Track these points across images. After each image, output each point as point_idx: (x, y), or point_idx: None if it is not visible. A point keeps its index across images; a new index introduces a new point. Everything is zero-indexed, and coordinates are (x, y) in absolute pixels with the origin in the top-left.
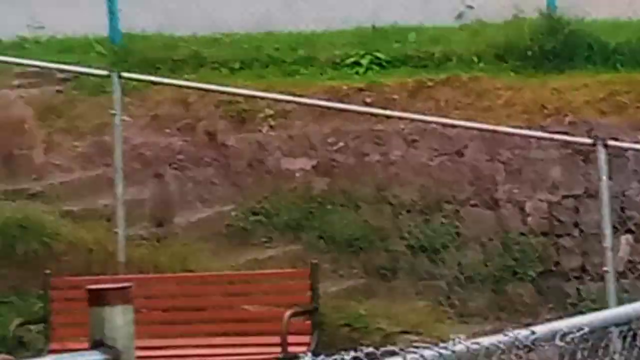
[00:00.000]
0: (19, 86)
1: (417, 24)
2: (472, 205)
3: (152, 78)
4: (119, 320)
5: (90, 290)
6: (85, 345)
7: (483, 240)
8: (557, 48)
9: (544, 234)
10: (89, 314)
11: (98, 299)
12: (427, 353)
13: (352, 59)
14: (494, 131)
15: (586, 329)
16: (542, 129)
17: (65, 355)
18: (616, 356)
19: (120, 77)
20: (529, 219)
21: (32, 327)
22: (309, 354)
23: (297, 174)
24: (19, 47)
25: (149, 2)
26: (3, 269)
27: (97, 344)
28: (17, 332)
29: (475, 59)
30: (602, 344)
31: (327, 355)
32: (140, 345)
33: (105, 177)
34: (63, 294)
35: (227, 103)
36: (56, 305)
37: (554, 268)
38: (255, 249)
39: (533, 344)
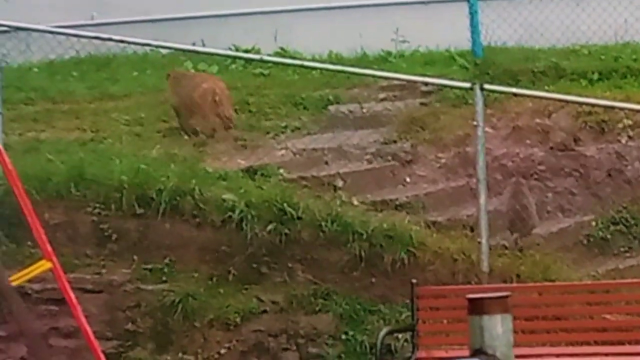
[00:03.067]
0: (384, 99)
1: None
2: None
3: (514, 90)
4: (498, 328)
5: (470, 300)
6: (452, 353)
7: None
8: None
9: None
10: (468, 322)
11: (478, 308)
12: None
13: None
14: None
15: None
16: None
17: None
18: None
19: (482, 89)
20: None
21: (399, 335)
22: None
23: None
24: (384, 60)
25: (509, 15)
26: (371, 277)
27: (477, 352)
28: (386, 340)
29: None
30: None
31: None
32: None
33: (468, 187)
34: (429, 302)
35: (587, 114)
36: (422, 313)
37: None
38: (615, 259)
39: None
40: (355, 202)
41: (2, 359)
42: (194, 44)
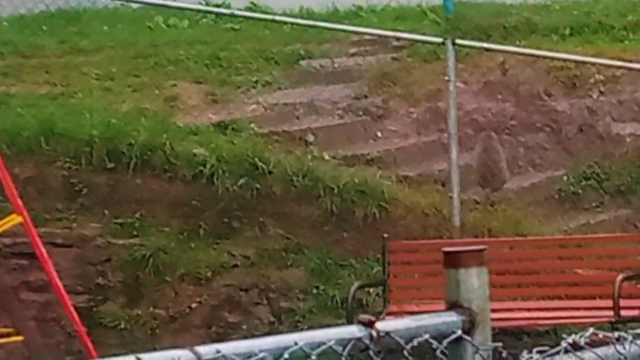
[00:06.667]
0: (355, 54)
1: None
2: None
3: (485, 45)
4: (474, 282)
5: (446, 253)
6: (423, 308)
7: None
8: None
9: None
10: (444, 275)
11: (453, 261)
12: None
13: None
14: None
15: None
16: None
17: (424, 315)
18: None
19: (454, 44)
20: None
21: (371, 289)
22: None
23: (628, 139)
24: (355, 15)
25: None
26: (343, 232)
27: (452, 306)
28: (357, 294)
29: None
30: None
31: None
32: None
33: (440, 142)
34: (400, 257)
35: (558, 69)
36: (394, 268)
37: None
38: (587, 214)
39: None
40: (327, 157)
41: None
42: None
